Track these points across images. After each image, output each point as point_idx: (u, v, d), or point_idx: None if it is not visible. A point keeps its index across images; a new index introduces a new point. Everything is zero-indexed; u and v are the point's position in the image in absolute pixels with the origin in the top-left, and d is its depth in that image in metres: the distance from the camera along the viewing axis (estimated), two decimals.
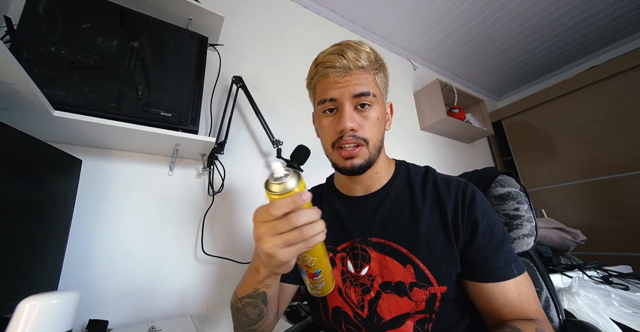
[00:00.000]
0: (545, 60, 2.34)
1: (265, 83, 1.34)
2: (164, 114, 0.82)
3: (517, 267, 0.48)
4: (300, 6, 1.66)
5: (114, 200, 0.88)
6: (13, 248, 0.54)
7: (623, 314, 0.80)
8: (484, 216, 0.51)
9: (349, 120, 0.50)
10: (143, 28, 0.84)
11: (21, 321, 0.39)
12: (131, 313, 0.83)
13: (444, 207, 0.52)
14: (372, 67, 0.53)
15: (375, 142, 0.53)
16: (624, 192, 1.79)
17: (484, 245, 0.49)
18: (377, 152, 0.55)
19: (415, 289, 0.49)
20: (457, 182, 0.56)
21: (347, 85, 0.51)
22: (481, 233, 0.49)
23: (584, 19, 1.90)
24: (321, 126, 0.56)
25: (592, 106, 1.96)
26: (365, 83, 0.51)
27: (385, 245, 0.54)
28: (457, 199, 0.53)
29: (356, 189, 0.60)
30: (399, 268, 0.51)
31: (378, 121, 0.53)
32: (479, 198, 0.53)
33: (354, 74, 0.51)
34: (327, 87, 0.52)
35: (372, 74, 0.53)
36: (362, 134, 0.51)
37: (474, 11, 1.80)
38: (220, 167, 1.08)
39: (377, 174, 0.58)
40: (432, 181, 0.57)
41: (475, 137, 2.32)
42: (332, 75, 0.51)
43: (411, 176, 0.60)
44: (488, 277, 0.48)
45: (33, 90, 0.53)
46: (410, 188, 0.57)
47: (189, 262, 0.96)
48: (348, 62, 0.50)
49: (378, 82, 0.54)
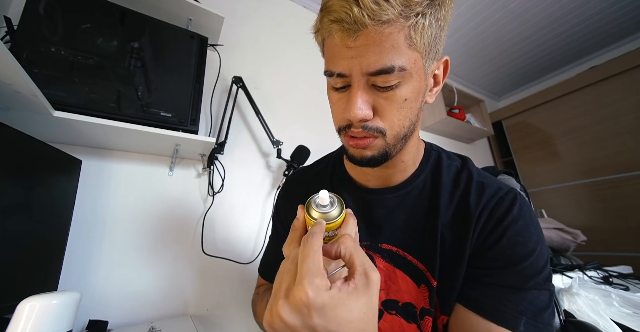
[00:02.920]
0: (545, 60, 2.34)
1: (265, 83, 1.34)
2: (164, 114, 0.82)
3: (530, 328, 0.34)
4: (300, 6, 1.66)
5: (114, 200, 0.88)
6: (13, 248, 0.54)
7: (623, 315, 0.80)
8: (513, 237, 0.37)
9: (358, 108, 0.34)
10: (143, 28, 0.84)
11: (21, 321, 0.39)
12: (131, 313, 0.83)
13: (469, 221, 0.40)
14: (409, 15, 0.31)
15: (398, 131, 0.37)
16: (624, 192, 1.79)
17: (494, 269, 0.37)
18: (402, 141, 0.39)
19: (427, 318, 0.40)
20: (497, 188, 0.42)
21: (359, 55, 0.32)
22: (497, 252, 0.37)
23: (584, 19, 1.90)
24: (329, 100, 0.42)
25: (592, 106, 1.95)
26: (390, 51, 0.32)
27: (397, 255, 0.43)
28: (485, 208, 0.40)
29: (371, 179, 0.47)
30: (411, 287, 0.41)
31: (407, 102, 0.36)
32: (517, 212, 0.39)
33: (371, 36, 0.31)
34: (333, 52, 0.35)
35: (406, 29, 0.31)
36: (377, 124, 0.36)
37: (474, 12, 1.80)
38: (220, 168, 1.08)
39: (402, 162, 0.45)
40: (464, 182, 0.43)
41: (475, 137, 2.32)
42: (338, 35, 0.33)
43: (441, 170, 0.45)
44: (475, 305, 0.36)
45: (33, 90, 0.53)
46: (436, 187, 0.44)
47: (189, 262, 0.96)
48: (362, 14, 0.30)
49: (417, 40, 0.32)
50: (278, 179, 1.22)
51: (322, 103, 1.54)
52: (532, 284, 0.36)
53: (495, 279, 0.37)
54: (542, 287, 0.36)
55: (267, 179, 1.22)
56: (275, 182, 1.22)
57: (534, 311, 0.35)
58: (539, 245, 0.38)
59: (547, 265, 0.38)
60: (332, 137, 1.53)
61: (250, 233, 1.11)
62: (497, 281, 0.37)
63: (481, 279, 0.38)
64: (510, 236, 0.38)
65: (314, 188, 0.35)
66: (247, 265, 1.03)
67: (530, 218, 0.39)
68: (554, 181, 2.15)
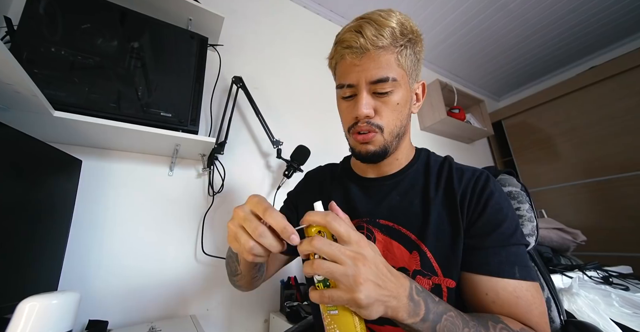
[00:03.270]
0: (545, 60, 2.34)
1: (265, 83, 1.34)
2: (164, 114, 0.82)
3: (523, 272, 0.44)
4: (300, 6, 1.66)
5: (114, 200, 0.88)
6: (13, 248, 0.54)
7: (623, 315, 0.80)
8: (493, 206, 0.47)
9: (364, 107, 0.47)
10: (143, 28, 0.84)
11: (21, 321, 0.39)
12: (131, 313, 0.83)
13: (454, 197, 0.50)
14: (396, 45, 0.47)
15: (392, 129, 0.50)
16: (624, 192, 1.79)
17: (485, 234, 0.46)
18: (396, 139, 0.52)
19: (419, 277, 0.47)
20: (473, 171, 0.54)
21: (364, 70, 0.47)
22: (484, 221, 0.47)
23: (584, 19, 1.90)
24: (339, 109, 0.55)
25: (592, 106, 1.96)
26: (385, 66, 0.46)
27: (393, 229, 0.52)
28: (467, 188, 0.50)
29: (372, 172, 0.59)
30: (404, 254, 0.50)
31: (399, 106, 0.49)
32: (492, 187, 0.50)
33: (372, 56, 0.46)
34: (344, 70, 0.49)
35: (395, 54, 0.47)
36: (378, 121, 0.49)
37: (474, 11, 1.80)
38: (220, 168, 1.08)
39: (397, 160, 0.57)
40: (447, 169, 0.55)
41: (476, 137, 2.32)
42: (349, 57, 0.47)
43: (430, 163, 0.57)
44: (478, 267, 0.45)
45: (33, 90, 0.53)
46: (426, 175, 0.55)
47: (189, 262, 0.96)
48: (366, 42, 0.45)
49: (402, 62, 0.48)
50: (278, 179, 1.23)
51: (322, 103, 1.55)
52: (513, 239, 0.46)
53: (488, 242, 0.46)
54: (520, 242, 0.47)
55: (267, 179, 1.22)
56: (275, 182, 1.22)
57: (520, 259, 0.45)
58: (509, 210, 0.49)
59: (519, 223, 0.49)
60: (331, 137, 1.53)
61: None
62: (489, 243, 0.46)
63: (478, 245, 0.47)
64: (491, 205, 0.48)
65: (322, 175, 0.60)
66: None
67: (500, 190, 0.51)
68: (553, 181, 2.15)
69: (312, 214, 0.34)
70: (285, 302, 0.99)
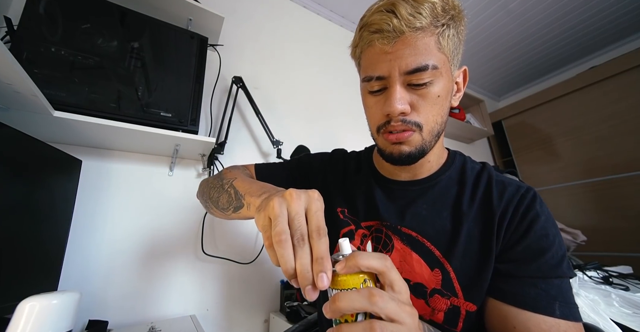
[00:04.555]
0: (545, 60, 2.34)
1: (265, 83, 1.34)
2: (164, 114, 0.82)
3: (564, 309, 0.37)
4: (300, 6, 1.66)
5: (114, 200, 0.88)
6: (13, 248, 0.54)
7: (623, 315, 0.80)
8: (538, 231, 0.41)
9: (398, 102, 0.39)
10: (143, 28, 0.84)
11: (21, 321, 0.39)
12: (131, 313, 0.83)
13: (492, 215, 0.43)
14: (437, 25, 0.38)
15: (433, 126, 0.42)
16: (624, 192, 1.79)
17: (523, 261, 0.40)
18: (435, 138, 0.44)
19: (437, 296, 0.43)
20: (517, 187, 0.46)
21: (398, 58, 0.38)
22: (525, 246, 0.41)
23: (584, 19, 1.90)
24: (366, 105, 0.46)
25: (592, 106, 1.95)
26: (424, 52, 0.38)
27: (416, 240, 0.46)
28: (508, 206, 0.43)
29: (398, 174, 0.52)
30: (425, 270, 0.44)
31: (440, 99, 0.41)
32: (538, 209, 0.43)
33: (407, 41, 0.38)
34: (372, 59, 0.41)
35: (435, 36, 0.39)
36: (415, 118, 0.41)
37: (474, 12, 1.80)
38: (220, 168, 1.08)
39: (428, 162, 0.49)
40: (485, 180, 0.47)
41: (476, 137, 2.32)
42: (379, 43, 0.39)
43: (466, 170, 0.50)
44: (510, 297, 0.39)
45: (33, 90, 0.53)
46: (461, 185, 0.48)
47: (189, 262, 0.96)
48: (400, 23, 0.37)
49: (444, 45, 0.39)
50: None
51: (322, 103, 1.55)
52: (558, 271, 0.40)
53: (526, 271, 0.40)
54: (565, 274, 0.40)
55: None
56: None
57: (563, 295, 0.39)
58: (557, 237, 0.42)
59: (565, 253, 0.42)
60: (332, 137, 1.53)
61: (250, 233, 1.11)
62: (527, 272, 0.40)
63: (513, 272, 0.41)
64: (536, 230, 0.41)
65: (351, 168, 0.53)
66: (247, 265, 1.03)
67: (548, 213, 0.44)
68: (553, 181, 2.15)
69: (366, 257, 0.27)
70: (285, 302, 0.99)
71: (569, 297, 0.39)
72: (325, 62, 1.60)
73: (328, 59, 1.62)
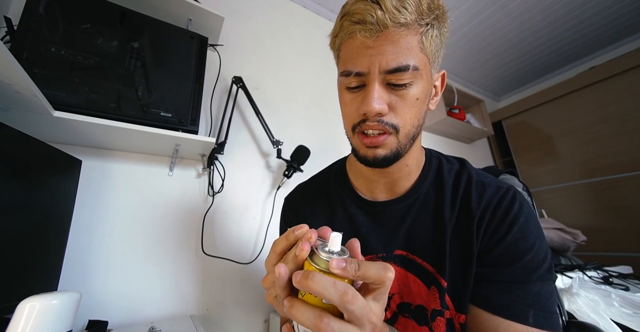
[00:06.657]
0: (545, 60, 2.34)
1: (265, 83, 1.34)
2: (164, 115, 0.82)
3: (539, 318, 0.36)
4: (300, 6, 1.66)
5: (114, 200, 0.88)
6: (13, 248, 0.54)
7: (623, 315, 0.80)
8: (516, 233, 0.39)
9: (376, 101, 0.37)
10: (143, 28, 0.84)
11: (21, 321, 0.39)
12: (131, 313, 0.83)
13: (471, 219, 0.42)
14: (421, 23, 0.36)
15: (409, 129, 0.40)
16: (624, 192, 1.79)
17: (499, 266, 0.39)
18: (411, 141, 0.42)
19: (438, 319, 0.41)
20: (497, 187, 0.44)
21: (379, 54, 0.36)
22: (502, 250, 0.39)
23: (584, 19, 1.90)
24: (342, 101, 0.44)
25: (592, 106, 1.95)
26: (406, 51, 0.36)
27: (407, 258, 0.45)
28: (487, 209, 0.42)
29: (378, 189, 0.49)
30: (422, 290, 0.43)
31: (418, 102, 0.39)
32: (517, 209, 0.41)
33: (390, 37, 0.36)
34: (352, 53, 0.38)
35: (419, 35, 0.37)
36: (392, 120, 0.39)
37: (474, 11, 1.80)
38: (220, 168, 1.08)
39: (406, 167, 0.47)
40: (465, 182, 0.45)
41: (476, 137, 2.32)
42: (360, 35, 0.36)
43: (443, 174, 0.48)
44: (484, 302, 0.39)
45: (33, 90, 0.53)
46: (440, 191, 0.46)
47: (189, 262, 0.96)
48: (384, 16, 0.35)
49: (427, 46, 0.38)
50: (278, 179, 1.22)
51: (322, 103, 1.55)
52: (535, 276, 0.38)
53: (502, 276, 0.39)
54: (544, 279, 0.38)
55: (267, 179, 1.22)
56: (275, 182, 1.22)
57: (540, 302, 0.37)
58: (538, 239, 0.40)
59: (547, 256, 0.40)
60: (332, 137, 1.53)
61: (250, 233, 1.11)
62: (503, 277, 0.39)
63: (488, 277, 0.40)
64: (514, 232, 0.40)
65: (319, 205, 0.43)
66: (247, 265, 1.03)
67: (529, 213, 0.42)
68: (554, 181, 2.15)
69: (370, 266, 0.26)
70: None
71: (548, 304, 0.37)
72: (325, 62, 1.60)
73: (328, 59, 1.62)
